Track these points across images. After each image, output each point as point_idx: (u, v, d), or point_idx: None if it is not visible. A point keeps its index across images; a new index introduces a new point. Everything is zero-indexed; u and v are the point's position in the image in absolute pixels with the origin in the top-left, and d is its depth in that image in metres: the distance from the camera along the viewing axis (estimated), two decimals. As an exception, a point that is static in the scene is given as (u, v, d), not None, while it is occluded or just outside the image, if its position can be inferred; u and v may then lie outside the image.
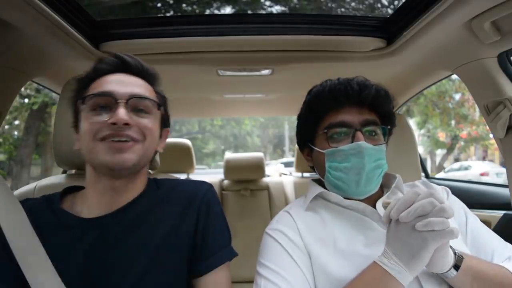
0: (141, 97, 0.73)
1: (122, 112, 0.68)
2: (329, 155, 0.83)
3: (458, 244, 0.76)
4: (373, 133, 0.83)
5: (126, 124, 0.68)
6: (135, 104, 0.72)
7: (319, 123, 0.86)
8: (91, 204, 0.74)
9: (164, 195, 0.80)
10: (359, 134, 0.80)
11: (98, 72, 0.76)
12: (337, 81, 0.84)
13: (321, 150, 0.84)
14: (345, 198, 0.84)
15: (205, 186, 0.84)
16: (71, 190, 0.81)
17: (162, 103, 0.81)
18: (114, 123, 0.67)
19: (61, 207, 0.75)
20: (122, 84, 0.73)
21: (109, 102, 0.70)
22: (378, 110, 0.85)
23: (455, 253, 0.70)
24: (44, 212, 0.74)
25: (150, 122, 0.73)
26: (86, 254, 0.69)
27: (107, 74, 0.75)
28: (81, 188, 0.81)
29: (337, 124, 0.82)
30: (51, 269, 0.66)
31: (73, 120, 0.77)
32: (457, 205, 0.89)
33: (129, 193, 0.76)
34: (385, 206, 0.70)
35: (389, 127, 0.86)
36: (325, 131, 0.83)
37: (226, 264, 0.78)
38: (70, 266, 0.68)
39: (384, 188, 0.89)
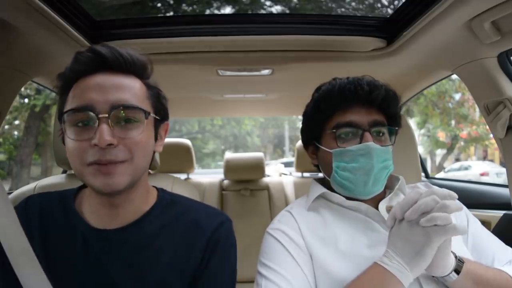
0: (125, 107, 0.63)
1: (104, 131, 0.59)
2: (337, 155, 0.82)
3: (459, 247, 0.76)
4: (381, 134, 0.83)
5: (110, 144, 0.60)
6: (119, 115, 0.63)
7: (327, 121, 0.85)
8: (96, 212, 0.71)
9: (174, 218, 0.73)
10: (367, 134, 0.79)
11: (76, 74, 0.66)
12: (346, 80, 0.83)
13: (328, 150, 0.84)
14: (347, 198, 0.84)
15: (217, 221, 0.74)
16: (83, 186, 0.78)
17: (154, 98, 0.71)
18: (97, 144, 0.60)
19: (74, 208, 0.72)
20: (101, 91, 0.63)
21: (89, 117, 0.61)
22: (386, 111, 0.84)
23: (456, 257, 0.70)
24: (57, 211, 0.71)
25: (139, 133, 0.64)
26: (87, 265, 0.66)
27: (86, 76, 0.65)
28: None
29: (345, 124, 0.81)
30: (39, 270, 0.65)
31: (59, 129, 0.68)
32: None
33: (131, 204, 0.71)
34: (388, 210, 0.71)
35: (396, 128, 0.86)
36: (334, 130, 0.82)
37: None
38: (70, 273, 0.67)
39: (386, 189, 0.89)
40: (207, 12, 1.59)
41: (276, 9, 1.61)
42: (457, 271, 0.69)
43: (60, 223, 0.70)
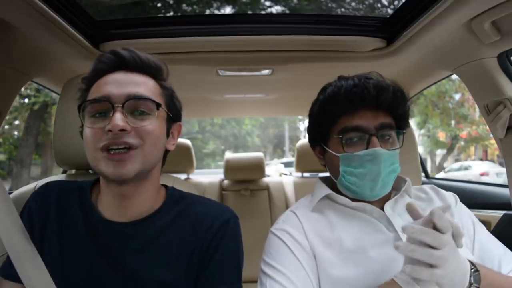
0: (138, 98, 0.68)
1: (117, 118, 0.64)
2: (344, 159, 0.81)
3: (464, 254, 0.74)
4: (388, 137, 0.81)
5: (123, 130, 0.64)
6: (132, 106, 0.68)
7: (333, 125, 0.83)
8: (107, 204, 0.74)
9: (182, 211, 0.76)
10: (374, 139, 0.78)
11: (98, 72, 0.72)
12: (352, 82, 0.80)
13: (335, 154, 0.83)
14: (352, 199, 0.83)
15: (224, 216, 0.76)
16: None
17: (167, 97, 0.76)
18: (110, 130, 0.64)
19: (89, 198, 0.76)
20: (118, 85, 0.69)
21: (106, 107, 0.67)
22: (394, 113, 0.82)
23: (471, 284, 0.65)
24: (74, 198, 0.75)
25: (150, 124, 0.69)
26: (96, 252, 0.70)
27: (106, 74, 0.71)
28: None
29: (352, 129, 0.79)
30: (42, 270, 0.67)
31: (80, 125, 0.73)
32: (464, 213, 0.87)
33: (141, 198, 0.73)
34: (408, 209, 0.68)
35: (404, 131, 0.84)
36: (340, 136, 0.80)
37: None
38: (80, 258, 0.70)
39: (392, 190, 0.87)
40: (207, 12, 1.59)
41: (276, 9, 1.61)
42: None
43: (74, 209, 0.74)
